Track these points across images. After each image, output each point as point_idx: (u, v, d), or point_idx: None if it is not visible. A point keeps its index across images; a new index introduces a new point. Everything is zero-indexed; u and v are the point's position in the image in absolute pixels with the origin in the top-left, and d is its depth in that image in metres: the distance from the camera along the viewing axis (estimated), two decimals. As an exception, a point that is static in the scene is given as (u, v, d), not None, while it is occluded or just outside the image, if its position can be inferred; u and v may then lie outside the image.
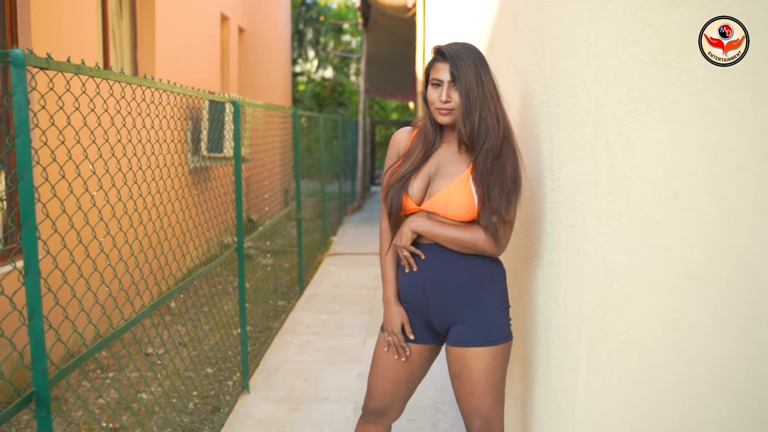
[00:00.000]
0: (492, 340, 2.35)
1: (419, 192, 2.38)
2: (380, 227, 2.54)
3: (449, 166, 2.38)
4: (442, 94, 2.31)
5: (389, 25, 13.48)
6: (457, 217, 2.31)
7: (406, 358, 2.44)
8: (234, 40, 10.34)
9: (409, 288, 2.44)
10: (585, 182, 1.86)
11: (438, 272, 2.37)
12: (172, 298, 6.06)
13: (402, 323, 2.43)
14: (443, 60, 2.34)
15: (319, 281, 7.42)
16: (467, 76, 2.29)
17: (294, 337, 5.38)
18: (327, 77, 25.04)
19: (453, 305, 2.37)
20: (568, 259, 2.03)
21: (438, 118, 2.36)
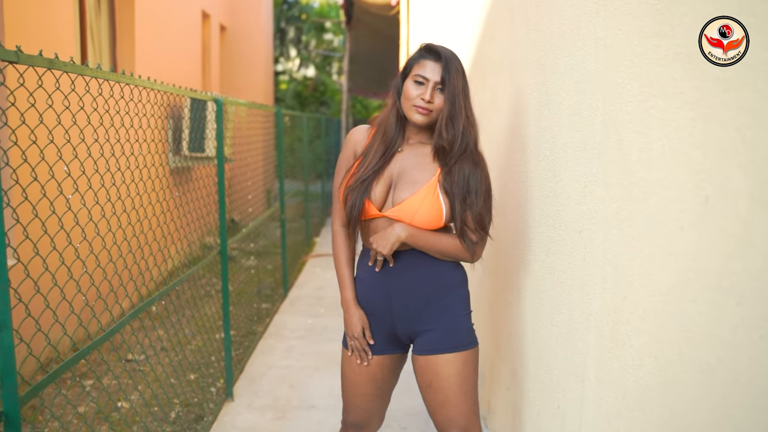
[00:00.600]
0: (461, 345, 2.28)
1: (381, 197, 2.28)
2: (332, 227, 2.44)
3: (414, 172, 2.28)
4: (425, 93, 2.21)
5: (372, 24, 13.34)
6: (423, 225, 2.24)
7: (368, 362, 2.35)
8: (215, 37, 10.17)
9: (372, 297, 2.35)
10: (593, 184, 1.76)
11: (404, 280, 2.30)
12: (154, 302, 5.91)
13: (363, 327, 2.35)
14: (435, 60, 2.24)
15: (303, 283, 7.29)
16: (456, 83, 2.21)
17: (279, 341, 5.25)
18: (309, 76, 24.85)
19: (418, 313, 2.30)
20: (574, 265, 1.93)
21: (412, 116, 2.25)
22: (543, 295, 2.29)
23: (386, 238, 2.21)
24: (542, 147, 2.26)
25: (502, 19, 3.04)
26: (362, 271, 2.38)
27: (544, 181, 2.26)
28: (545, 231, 2.26)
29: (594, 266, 1.76)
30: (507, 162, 2.79)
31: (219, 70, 10.46)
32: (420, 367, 2.31)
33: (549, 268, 2.21)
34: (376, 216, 2.27)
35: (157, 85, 2.72)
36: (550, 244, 2.20)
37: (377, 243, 2.22)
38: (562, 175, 2.05)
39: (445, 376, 2.25)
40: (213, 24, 9.96)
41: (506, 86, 2.91)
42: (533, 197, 2.42)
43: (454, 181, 2.20)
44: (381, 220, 2.28)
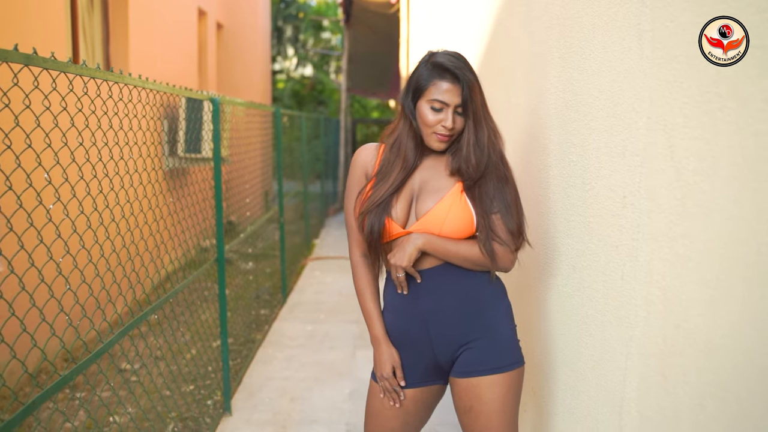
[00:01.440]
0: (506, 365, 2.04)
1: (403, 213, 2.06)
2: (351, 258, 2.22)
3: (435, 180, 2.08)
4: (447, 120, 1.98)
5: (371, 22, 13.16)
6: (453, 234, 2.02)
7: (401, 403, 2.12)
8: (212, 36, 9.96)
9: (406, 326, 2.11)
10: (634, 195, 1.57)
11: (438, 299, 2.06)
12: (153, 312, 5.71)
13: (393, 366, 2.11)
14: (453, 81, 1.98)
15: (302, 287, 7.10)
16: (476, 100, 1.98)
17: (278, 350, 5.06)
18: (306, 75, 24.66)
19: (459, 333, 2.06)
20: (609, 284, 1.74)
21: (432, 144, 2.04)
22: (569, 313, 2.10)
23: (403, 249, 2.00)
24: (568, 151, 2.08)
25: (516, 14, 2.85)
26: (390, 298, 2.15)
27: (570, 189, 2.07)
28: (571, 243, 2.07)
29: (636, 287, 1.57)
30: (524, 166, 2.60)
31: (216, 69, 10.25)
32: (460, 390, 2.07)
33: (576, 284, 2.02)
34: (400, 234, 2.05)
35: (147, 83, 2.52)
36: (577, 258, 2.01)
37: (395, 258, 2.00)
38: (593, 184, 1.86)
39: (487, 401, 2.02)
40: (209, 22, 9.75)
41: (522, 85, 2.72)
42: (556, 205, 2.24)
43: (481, 195, 2.00)
44: (405, 239, 2.06)
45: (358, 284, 2.20)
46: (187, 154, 6.80)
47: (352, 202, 2.16)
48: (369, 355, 4.82)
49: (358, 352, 4.96)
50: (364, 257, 2.21)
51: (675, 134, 1.36)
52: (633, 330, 1.58)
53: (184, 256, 3.97)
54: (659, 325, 1.44)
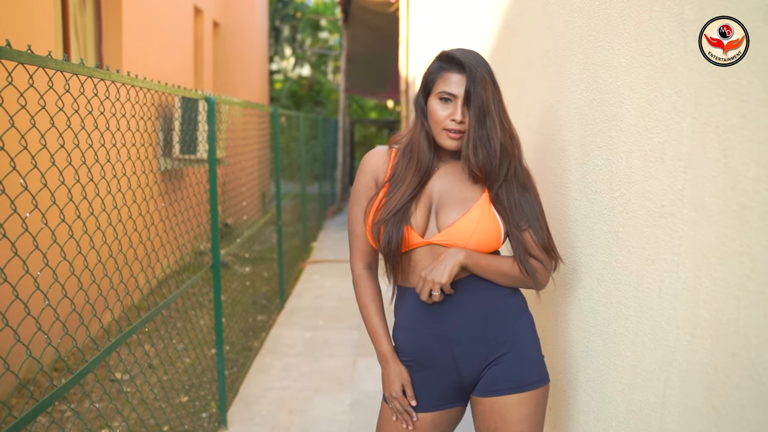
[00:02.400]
0: (533, 382, 1.91)
1: (422, 222, 1.92)
2: (353, 272, 2.07)
3: (459, 190, 1.93)
4: (456, 113, 1.85)
5: (370, 21, 13.00)
6: (480, 248, 1.89)
7: (413, 425, 1.96)
8: (208, 34, 9.79)
9: (428, 346, 1.95)
10: (675, 204, 1.41)
11: (463, 316, 1.91)
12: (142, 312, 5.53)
13: (402, 385, 1.96)
14: (458, 70, 1.87)
15: (300, 292, 6.93)
16: (483, 93, 1.85)
17: (276, 358, 4.89)
18: (304, 75, 24.48)
19: (487, 350, 1.92)
20: (642, 301, 1.58)
21: (444, 142, 1.90)
22: (593, 329, 1.94)
23: (442, 264, 1.83)
24: (592, 155, 1.91)
25: (528, 9, 2.69)
26: (404, 317, 2.00)
27: (594, 195, 1.90)
28: (595, 254, 1.91)
29: (677, 306, 1.40)
30: (537, 169, 2.43)
31: (212, 68, 10.08)
32: (484, 410, 1.93)
33: (601, 298, 1.86)
34: (419, 245, 1.90)
35: (137, 81, 2.35)
36: (603, 271, 1.84)
37: (432, 273, 1.82)
38: (622, 190, 1.69)
39: (514, 421, 1.88)
40: (206, 20, 9.58)
41: (535, 84, 2.56)
42: (576, 212, 2.07)
43: (505, 208, 1.89)
44: (423, 250, 1.91)
45: (362, 298, 2.05)
46: (182, 155, 6.63)
47: (359, 210, 2.02)
48: (370, 364, 4.66)
49: (359, 361, 4.79)
50: (368, 269, 2.06)
51: (730, 137, 1.20)
52: (674, 354, 1.42)
53: (180, 261, 3.80)
54: (708, 351, 1.28)
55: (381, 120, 23.66)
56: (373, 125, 24.32)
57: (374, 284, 2.06)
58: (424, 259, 1.91)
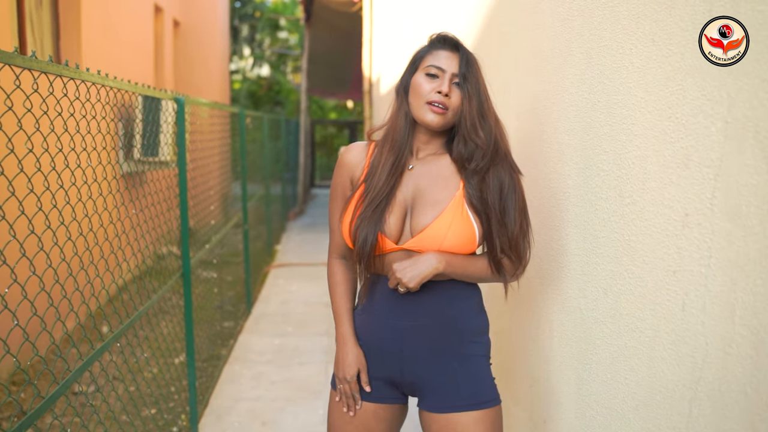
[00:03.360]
0: (488, 401, 1.90)
1: (396, 227, 1.87)
2: (329, 260, 2.08)
3: (433, 191, 1.87)
4: (442, 85, 1.81)
5: (332, 20, 12.87)
6: (454, 252, 1.84)
7: (355, 412, 1.93)
8: (169, 33, 9.55)
9: (381, 331, 1.93)
10: (702, 212, 1.32)
11: (422, 320, 1.89)
12: (105, 321, 5.32)
13: (358, 369, 1.93)
14: (452, 50, 1.86)
15: (267, 297, 6.77)
16: (475, 75, 1.84)
17: (245, 367, 4.74)
18: (263, 75, 24.19)
19: (435, 360, 1.90)
20: (661, 314, 1.49)
21: (425, 116, 1.84)
22: (599, 342, 1.85)
23: (417, 268, 1.78)
24: (596, 159, 1.83)
25: (518, 6, 2.61)
26: (368, 301, 1.96)
27: (600, 201, 1.82)
28: (600, 263, 1.83)
29: (705, 321, 1.32)
30: (528, 171, 2.34)
31: (173, 68, 9.84)
32: (439, 428, 1.90)
33: (609, 309, 1.78)
34: (393, 250, 1.87)
35: (111, 81, 2.20)
36: (611, 281, 1.76)
37: (404, 273, 1.78)
38: (635, 197, 1.61)
39: None
40: (166, 19, 9.34)
41: (526, 84, 2.47)
42: (576, 218, 1.99)
43: (487, 193, 1.82)
44: (397, 254, 1.87)
45: (332, 280, 2.04)
46: (144, 157, 6.42)
47: (336, 207, 2.00)
48: (343, 372, 4.54)
49: (331, 368, 4.66)
50: (342, 259, 2.05)
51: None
52: (702, 371, 1.34)
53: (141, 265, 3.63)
54: (748, 372, 1.20)
55: (341, 120, 23.53)
56: (333, 126, 24.17)
57: (347, 271, 2.05)
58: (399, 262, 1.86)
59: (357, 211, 1.89)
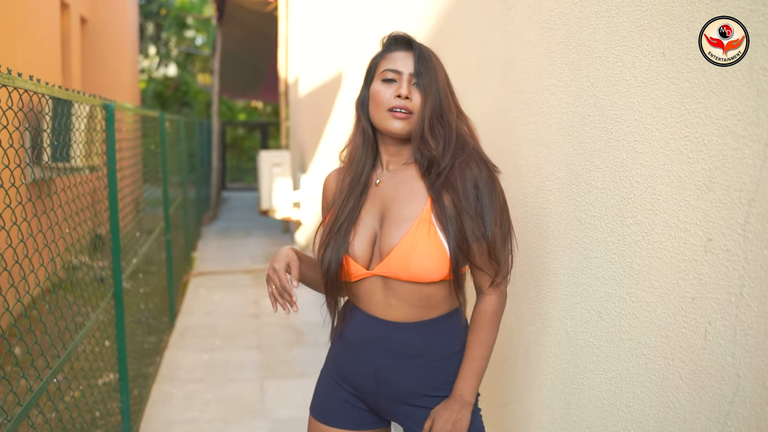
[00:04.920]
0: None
1: (365, 249, 1.73)
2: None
3: (400, 206, 1.72)
4: (401, 88, 1.67)
5: (246, 20, 12.58)
6: (424, 277, 1.66)
7: (288, 310, 1.74)
8: (76, 31, 9.05)
9: (354, 371, 1.82)
10: (731, 239, 1.26)
11: (395, 358, 1.76)
12: (18, 345, 4.94)
13: (288, 264, 1.75)
14: (405, 48, 1.73)
15: (189, 309, 6.48)
16: (436, 73, 1.70)
17: (176, 386, 4.48)
18: (170, 75, 23.45)
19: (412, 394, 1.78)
20: (677, 342, 1.42)
21: (389, 126, 1.70)
22: (592, 366, 1.77)
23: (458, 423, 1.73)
24: (587, 175, 1.75)
25: (483, 11, 2.53)
26: (343, 330, 1.84)
27: (592, 220, 1.75)
28: (594, 284, 1.75)
29: (737, 353, 1.26)
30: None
31: (81, 68, 9.34)
32: None
33: (606, 333, 1.70)
34: (363, 276, 1.72)
35: (44, 87, 1.98)
36: (607, 303, 1.69)
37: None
38: (641, 218, 1.54)
39: None
40: (73, 15, 8.85)
41: (492, 93, 2.39)
42: (560, 236, 1.91)
43: (458, 197, 1.65)
44: (372, 280, 1.73)
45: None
46: (54, 163, 6.03)
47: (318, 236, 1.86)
48: (279, 388, 4.37)
49: (267, 384, 4.48)
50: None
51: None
52: (732, 405, 1.27)
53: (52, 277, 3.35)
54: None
55: (253, 122, 23.11)
56: (243, 127, 23.71)
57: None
58: (375, 292, 1.73)
59: (325, 234, 1.78)
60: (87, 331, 2.85)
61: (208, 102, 21.53)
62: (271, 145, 20.16)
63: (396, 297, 1.71)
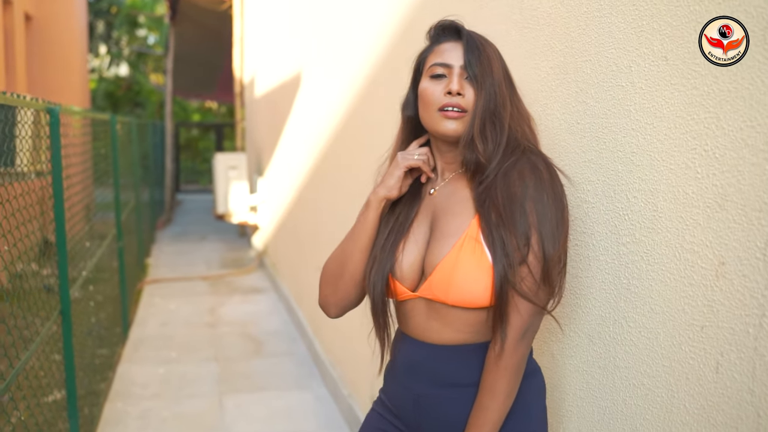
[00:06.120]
0: None
1: (412, 267, 1.54)
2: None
3: (448, 219, 1.52)
4: (452, 83, 1.46)
5: (200, 19, 12.29)
6: (467, 301, 1.44)
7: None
8: (20, 29, 8.68)
9: (396, 400, 1.64)
10: (749, 263, 1.14)
11: (436, 386, 1.54)
12: None
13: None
14: (454, 39, 1.52)
15: (144, 318, 6.23)
16: (491, 65, 1.48)
17: (129, 403, 4.26)
18: (121, 75, 22.92)
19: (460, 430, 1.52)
20: (683, 373, 1.30)
21: (440, 127, 1.49)
22: (582, 393, 1.65)
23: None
24: (577, 188, 1.63)
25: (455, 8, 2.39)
26: (393, 360, 1.66)
27: (582, 236, 1.62)
28: (584, 305, 1.63)
29: (756, 390, 1.14)
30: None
31: (26, 68, 8.98)
32: None
33: (598, 359, 1.58)
34: (409, 297, 1.54)
35: None
36: (599, 327, 1.56)
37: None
38: (638, 236, 1.41)
39: None
40: (16, 12, 8.49)
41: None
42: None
43: (495, 209, 1.42)
44: (418, 301, 1.53)
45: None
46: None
47: None
48: (239, 402, 4.19)
49: (226, 399, 4.29)
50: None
51: None
52: (750, 447, 1.15)
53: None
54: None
55: (207, 123, 22.73)
56: (198, 128, 23.30)
57: None
58: (417, 312, 1.54)
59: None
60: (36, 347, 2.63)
61: (161, 102, 21.11)
62: (226, 147, 19.83)
63: (439, 320, 1.51)
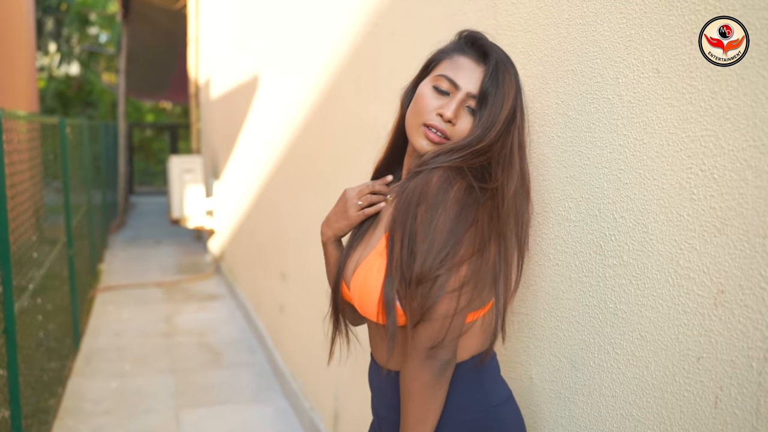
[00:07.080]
0: None
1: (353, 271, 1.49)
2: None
3: (376, 229, 1.48)
4: (448, 108, 1.36)
5: (153, 18, 12.02)
6: (366, 313, 1.39)
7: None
8: (-37, 27, 8.35)
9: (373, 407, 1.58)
10: (750, 291, 1.06)
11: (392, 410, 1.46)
12: None
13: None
14: (478, 58, 1.41)
15: (96, 328, 6.01)
16: (502, 104, 1.36)
17: (81, 420, 4.07)
18: (72, 74, 22.35)
19: None
20: (674, 407, 1.23)
21: (416, 141, 1.41)
22: (564, 421, 1.57)
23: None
24: (554, 205, 1.55)
25: (420, 12, 2.30)
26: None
27: (560, 255, 1.54)
28: (564, 328, 1.54)
29: (760, 427, 1.06)
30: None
31: (-32, 67, 8.63)
32: None
33: (580, 386, 1.49)
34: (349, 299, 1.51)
35: None
36: (582, 353, 1.48)
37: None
38: (626, 258, 1.33)
39: None
40: (-41, 10, 8.16)
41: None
42: (529, 270, 1.70)
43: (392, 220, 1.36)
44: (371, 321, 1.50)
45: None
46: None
47: None
48: (196, 417, 4.04)
49: (182, 414, 4.13)
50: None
51: None
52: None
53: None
54: None
55: (161, 123, 22.30)
56: (151, 129, 22.86)
57: None
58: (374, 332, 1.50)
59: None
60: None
61: (113, 102, 20.66)
62: (181, 148, 19.48)
63: (378, 336, 1.46)
